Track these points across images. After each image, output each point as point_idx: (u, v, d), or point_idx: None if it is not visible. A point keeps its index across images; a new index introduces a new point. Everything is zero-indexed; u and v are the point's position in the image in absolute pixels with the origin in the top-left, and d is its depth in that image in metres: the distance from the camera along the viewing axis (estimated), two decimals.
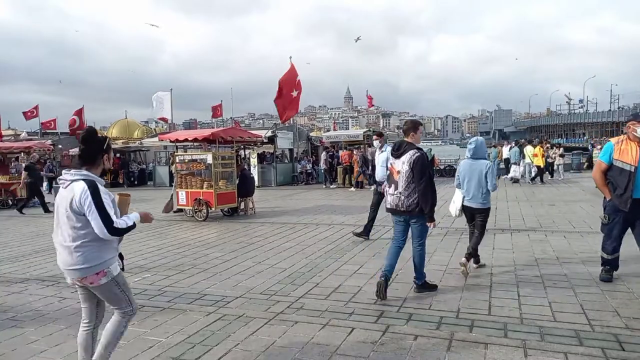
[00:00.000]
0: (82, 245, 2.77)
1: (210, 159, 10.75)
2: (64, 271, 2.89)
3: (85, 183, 2.75)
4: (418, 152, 4.59)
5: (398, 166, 4.65)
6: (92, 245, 2.78)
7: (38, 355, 3.60)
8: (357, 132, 22.39)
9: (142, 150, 25.98)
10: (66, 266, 2.84)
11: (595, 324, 3.80)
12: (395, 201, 4.67)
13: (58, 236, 2.87)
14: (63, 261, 2.85)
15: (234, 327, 4.01)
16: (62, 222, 2.82)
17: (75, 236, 2.77)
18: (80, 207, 2.73)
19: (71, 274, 2.85)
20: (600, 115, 73.94)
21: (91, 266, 2.80)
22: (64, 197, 2.80)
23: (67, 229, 2.79)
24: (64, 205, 2.78)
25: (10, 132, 33.42)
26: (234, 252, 7.03)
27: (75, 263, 2.78)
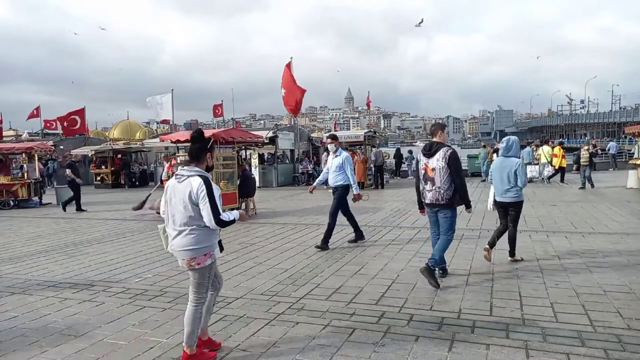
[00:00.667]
0: (193, 230, 3.24)
1: None
2: (176, 253, 3.32)
3: (201, 178, 3.21)
4: (450, 149, 5.03)
5: (432, 164, 5.03)
6: (201, 231, 3.25)
7: (39, 356, 3.59)
8: (358, 132, 22.35)
9: (143, 151, 26.00)
10: (179, 248, 3.28)
11: (597, 325, 3.79)
12: (435, 196, 5.04)
13: (171, 223, 3.32)
14: (176, 244, 3.29)
15: (235, 327, 4.01)
16: (176, 211, 3.27)
17: (189, 223, 3.22)
18: (196, 198, 3.18)
19: (182, 255, 3.28)
20: (601, 116, 73.85)
21: (200, 247, 3.26)
22: (180, 190, 3.25)
23: (182, 217, 3.25)
24: (180, 197, 3.24)
25: (11, 132, 33.50)
26: (235, 253, 7.03)
27: (188, 245, 3.24)
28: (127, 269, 6.27)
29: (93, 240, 8.56)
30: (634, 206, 10.67)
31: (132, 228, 9.90)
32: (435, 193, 5.02)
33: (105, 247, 7.89)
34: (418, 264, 5.94)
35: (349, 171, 7.25)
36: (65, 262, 6.80)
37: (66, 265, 6.58)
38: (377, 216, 10.35)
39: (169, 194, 3.35)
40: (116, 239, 8.59)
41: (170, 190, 3.34)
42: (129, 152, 24.85)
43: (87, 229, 9.91)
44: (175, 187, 3.31)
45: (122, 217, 11.88)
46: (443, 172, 4.95)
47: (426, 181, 5.12)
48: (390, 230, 8.57)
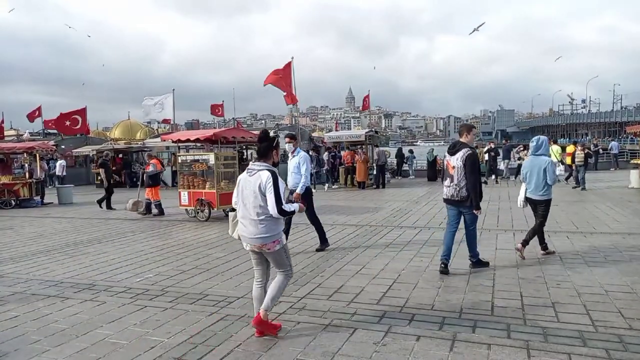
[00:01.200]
0: (264, 220, 3.61)
1: (213, 159, 10.75)
2: (247, 239, 3.70)
3: (269, 172, 3.62)
4: (470, 151, 5.39)
5: (453, 162, 5.41)
6: (271, 220, 3.62)
7: (40, 355, 3.60)
8: (359, 132, 22.34)
9: (144, 151, 26.03)
10: (251, 235, 3.66)
11: (598, 325, 3.78)
12: (451, 192, 5.44)
13: (242, 212, 3.70)
14: (248, 232, 3.67)
15: (236, 327, 4.01)
16: (248, 202, 3.65)
17: (260, 212, 3.60)
18: (264, 189, 3.57)
19: (254, 242, 3.67)
20: (603, 116, 73.70)
21: (270, 235, 3.64)
22: (251, 182, 3.65)
23: (254, 207, 3.62)
24: (251, 188, 3.63)
25: (12, 132, 33.54)
26: (236, 253, 7.02)
27: (259, 233, 3.62)
28: (128, 268, 6.28)
29: (94, 239, 8.57)
30: (635, 206, 10.65)
31: (133, 228, 9.91)
32: (452, 189, 5.43)
33: (106, 246, 7.90)
34: (419, 264, 5.94)
35: (303, 170, 6.85)
36: (66, 261, 6.81)
37: (67, 264, 6.59)
38: (378, 216, 10.35)
39: (241, 186, 3.76)
40: (117, 239, 8.60)
41: (242, 182, 3.76)
42: (130, 151, 24.88)
43: (88, 229, 9.92)
44: (246, 180, 3.71)
45: (123, 216, 11.88)
46: (460, 171, 5.32)
47: (446, 177, 5.57)
48: (392, 230, 8.56)
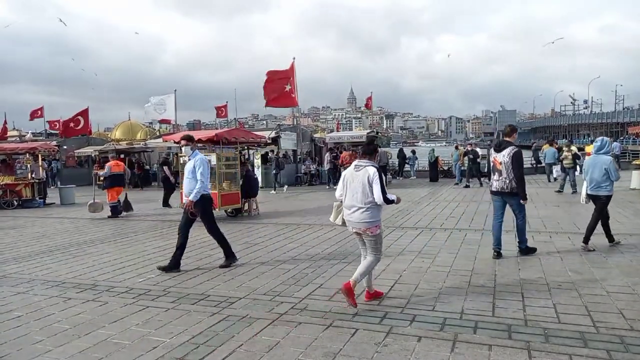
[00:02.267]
0: (369, 207, 4.36)
1: (215, 159, 10.77)
2: (353, 223, 4.46)
3: (374, 168, 4.42)
4: (516, 148, 6.06)
5: (500, 158, 6.10)
6: (375, 207, 4.37)
7: (42, 355, 3.61)
8: (361, 132, 22.39)
9: (146, 151, 26.09)
10: (357, 220, 4.41)
11: (600, 326, 3.78)
12: (500, 185, 6.11)
13: (349, 201, 4.45)
14: (355, 217, 4.42)
15: (238, 327, 4.02)
16: (356, 192, 4.39)
17: (366, 201, 4.35)
18: (371, 181, 4.31)
19: (360, 225, 4.42)
20: (605, 116, 73.54)
21: (374, 220, 4.40)
22: (359, 176, 4.41)
23: (361, 196, 4.36)
24: (359, 180, 4.39)
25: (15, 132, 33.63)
26: (238, 253, 7.02)
27: (365, 218, 4.37)
28: (130, 269, 6.30)
29: (96, 240, 8.60)
30: (637, 207, 10.64)
31: (135, 228, 9.93)
32: (501, 182, 6.10)
33: (109, 247, 7.92)
34: (420, 265, 5.95)
35: (198, 175, 6.01)
36: (68, 262, 6.83)
37: (70, 265, 6.61)
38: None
39: (347, 179, 4.51)
40: (119, 239, 8.62)
41: (348, 177, 4.51)
42: (131, 152, 24.93)
43: (90, 229, 9.95)
44: (353, 174, 4.47)
45: (125, 217, 11.91)
46: (508, 166, 5.98)
47: (494, 172, 6.22)
48: (393, 230, 8.57)
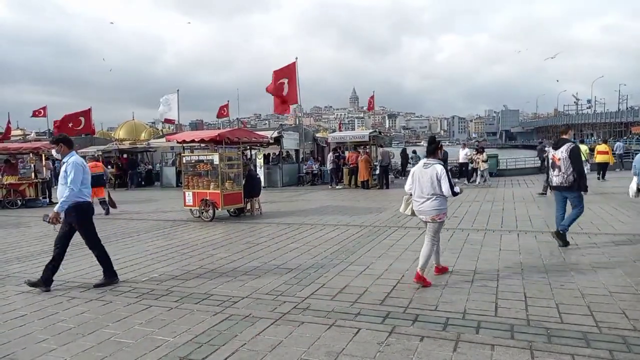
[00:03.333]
0: (437, 197, 5.07)
1: (217, 159, 10.79)
2: (423, 212, 5.15)
3: (441, 165, 5.13)
4: (573, 144, 6.58)
5: (558, 155, 6.59)
6: (442, 198, 5.09)
7: (47, 354, 3.64)
8: (363, 132, 22.37)
9: (149, 151, 26.15)
10: (428, 208, 5.11)
11: (602, 326, 3.78)
12: (560, 180, 6.59)
13: (419, 193, 5.17)
14: (424, 207, 5.13)
15: (241, 327, 4.03)
16: (426, 186, 5.09)
17: (433, 192, 5.05)
18: (439, 177, 5.01)
19: (429, 213, 5.11)
20: (608, 116, 73.30)
21: (441, 209, 5.10)
22: (427, 172, 5.11)
23: (429, 189, 5.07)
24: (428, 176, 5.08)
25: (18, 132, 33.77)
26: (240, 253, 7.06)
27: (433, 207, 5.08)
28: (133, 268, 6.32)
29: None
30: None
31: (137, 228, 9.97)
32: (560, 178, 6.57)
33: (112, 246, 7.94)
34: None
35: (69, 180, 5.28)
36: (72, 261, 6.85)
37: (73, 264, 6.64)
38: (382, 216, 10.36)
39: (417, 175, 5.23)
40: (122, 239, 8.65)
41: (418, 173, 5.23)
42: (135, 152, 25.00)
43: None
44: (422, 171, 5.17)
45: (128, 217, 11.95)
46: (566, 162, 6.45)
47: (554, 168, 6.67)
48: (396, 230, 8.57)
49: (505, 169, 23.80)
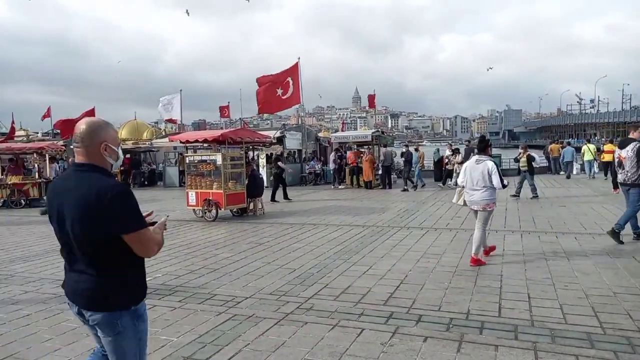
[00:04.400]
0: (487, 189, 5.81)
1: (220, 159, 10.81)
2: (475, 202, 5.94)
3: (492, 161, 5.85)
4: (639, 143, 6.75)
5: (624, 153, 6.86)
6: (492, 189, 5.82)
7: (52, 353, 3.65)
8: (366, 132, 22.34)
9: (152, 151, 26.18)
10: (480, 199, 5.86)
11: (607, 327, 3.77)
12: (624, 177, 6.91)
13: (471, 185, 5.90)
14: (476, 197, 5.88)
15: (244, 327, 4.04)
16: (477, 179, 5.84)
17: (484, 185, 5.79)
18: (490, 172, 5.75)
19: (481, 202, 5.88)
20: (612, 115, 73.03)
21: (491, 199, 5.87)
22: (479, 168, 5.85)
23: (481, 182, 5.80)
24: (479, 171, 5.82)
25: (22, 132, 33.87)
26: (244, 253, 7.07)
27: (483, 197, 5.83)
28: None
29: None
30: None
31: None
32: (624, 175, 6.87)
33: None
34: (426, 265, 5.95)
35: None
36: None
37: None
38: (384, 216, 10.36)
39: (469, 170, 5.97)
40: None
41: (469, 168, 5.98)
42: (137, 151, 25.04)
43: None
44: (474, 166, 5.92)
45: None
46: (632, 160, 6.71)
47: (620, 166, 7.00)
48: (398, 230, 8.56)
49: (508, 169, 23.72)
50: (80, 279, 2.10)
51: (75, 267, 2.12)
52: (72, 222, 2.02)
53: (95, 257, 2.05)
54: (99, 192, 1.98)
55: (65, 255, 2.18)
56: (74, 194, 2.03)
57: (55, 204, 2.10)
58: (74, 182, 2.07)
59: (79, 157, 2.11)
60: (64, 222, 2.06)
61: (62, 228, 2.08)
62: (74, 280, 2.13)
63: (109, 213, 1.98)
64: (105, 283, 2.06)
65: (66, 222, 2.05)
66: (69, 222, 2.03)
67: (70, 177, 2.12)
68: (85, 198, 1.99)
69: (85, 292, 2.08)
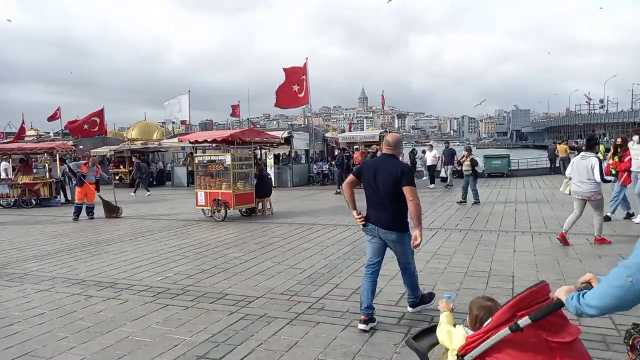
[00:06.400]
0: (591, 182, 6.60)
1: (229, 159, 10.85)
2: (580, 193, 6.75)
3: (596, 158, 6.64)
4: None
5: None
6: (594, 182, 6.57)
7: (67, 352, 3.69)
8: (373, 132, 22.36)
9: (160, 151, 26.35)
10: (584, 190, 6.68)
11: (622, 329, 3.74)
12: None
13: (578, 178, 6.71)
14: (582, 189, 6.71)
15: (257, 326, 4.06)
16: (581, 172, 6.65)
17: (588, 178, 6.59)
18: (592, 167, 6.52)
19: (586, 194, 6.68)
20: (621, 116, 72.34)
21: (595, 191, 6.63)
22: (583, 163, 6.65)
23: (586, 175, 6.60)
24: (584, 166, 6.61)
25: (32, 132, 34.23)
26: (253, 253, 7.10)
27: (588, 189, 6.65)
28: (148, 267, 6.38)
29: (114, 239, 8.72)
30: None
31: (151, 227, 10.05)
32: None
33: (126, 245, 8.03)
34: (436, 266, 5.94)
35: None
36: (88, 260, 6.95)
37: (89, 263, 6.73)
38: None
39: (575, 165, 6.81)
40: (135, 239, 8.73)
41: (576, 163, 6.79)
42: (147, 152, 25.20)
43: (107, 228, 10.10)
44: (579, 162, 6.74)
45: (142, 216, 12.06)
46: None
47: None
48: None
49: (517, 170, 23.60)
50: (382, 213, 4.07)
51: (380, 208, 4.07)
52: (386, 183, 3.93)
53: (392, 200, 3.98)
54: (403, 167, 4.01)
55: (377, 200, 4.05)
56: (387, 168, 3.98)
57: (373, 173, 4.03)
58: (383, 163, 4.07)
59: (387, 151, 4.11)
60: (378, 184, 3.98)
61: (377, 187, 4.00)
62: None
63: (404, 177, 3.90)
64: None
65: (379, 184, 3.97)
66: (382, 184, 3.96)
67: (381, 160, 4.16)
68: (395, 170, 3.93)
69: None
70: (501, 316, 1.84)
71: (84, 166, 11.95)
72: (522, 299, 1.89)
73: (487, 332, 1.87)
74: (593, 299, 1.60)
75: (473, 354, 1.87)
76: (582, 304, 1.65)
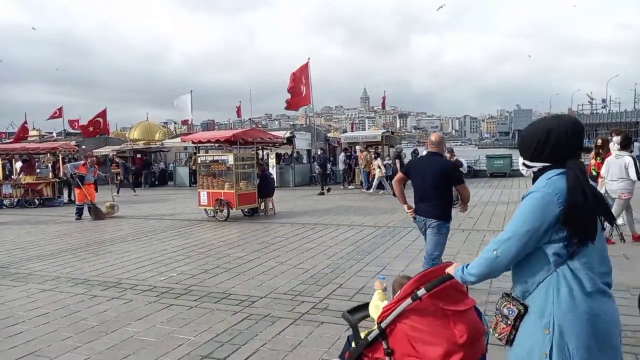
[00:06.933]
0: (623, 180, 6.68)
1: (232, 159, 10.87)
2: (612, 191, 6.78)
3: (630, 157, 6.71)
4: None
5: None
6: (628, 181, 6.68)
7: (72, 351, 3.70)
8: (376, 132, 22.32)
9: (162, 151, 26.39)
10: (614, 188, 6.75)
11: (626, 329, 3.73)
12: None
13: (611, 177, 6.79)
14: (614, 187, 6.78)
15: (261, 326, 4.07)
16: (615, 171, 6.74)
17: (621, 176, 6.70)
18: (627, 165, 6.62)
19: (615, 192, 6.75)
20: (624, 115, 72.13)
21: (627, 189, 6.72)
22: (616, 162, 6.75)
23: (619, 174, 6.69)
24: (619, 164, 6.73)
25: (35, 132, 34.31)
26: (256, 252, 7.11)
27: (621, 187, 6.73)
28: (152, 267, 6.40)
29: (116, 239, 8.74)
30: None
31: (154, 227, 10.07)
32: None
33: (129, 245, 8.05)
34: None
35: None
36: (92, 259, 6.97)
37: (93, 263, 6.74)
38: (396, 217, 10.33)
39: (610, 164, 6.87)
40: (138, 238, 8.75)
41: (611, 161, 6.85)
42: (149, 152, 25.25)
43: (110, 228, 10.12)
44: (614, 160, 6.82)
45: (144, 216, 12.08)
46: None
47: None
48: (410, 231, 8.54)
49: (519, 170, 23.55)
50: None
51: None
52: (432, 178, 4.44)
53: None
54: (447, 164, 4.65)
55: (424, 194, 4.54)
56: (432, 165, 4.49)
57: (420, 169, 4.59)
58: (429, 161, 4.58)
59: (432, 149, 4.59)
60: (425, 179, 4.47)
61: (424, 181, 4.49)
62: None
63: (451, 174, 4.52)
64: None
65: (427, 179, 4.46)
66: (429, 179, 4.45)
67: (427, 158, 4.66)
68: (439, 167, 4.48)
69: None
70: (407, 289, 2.18)
71: (83, 167, 11.98)
72: (424, 275, 2.21)
73: (397, 302, 2.22)
74: (472, 269, 1.98)
75: (387, 321, 2.23)
76: (465, 274, 2.00)
